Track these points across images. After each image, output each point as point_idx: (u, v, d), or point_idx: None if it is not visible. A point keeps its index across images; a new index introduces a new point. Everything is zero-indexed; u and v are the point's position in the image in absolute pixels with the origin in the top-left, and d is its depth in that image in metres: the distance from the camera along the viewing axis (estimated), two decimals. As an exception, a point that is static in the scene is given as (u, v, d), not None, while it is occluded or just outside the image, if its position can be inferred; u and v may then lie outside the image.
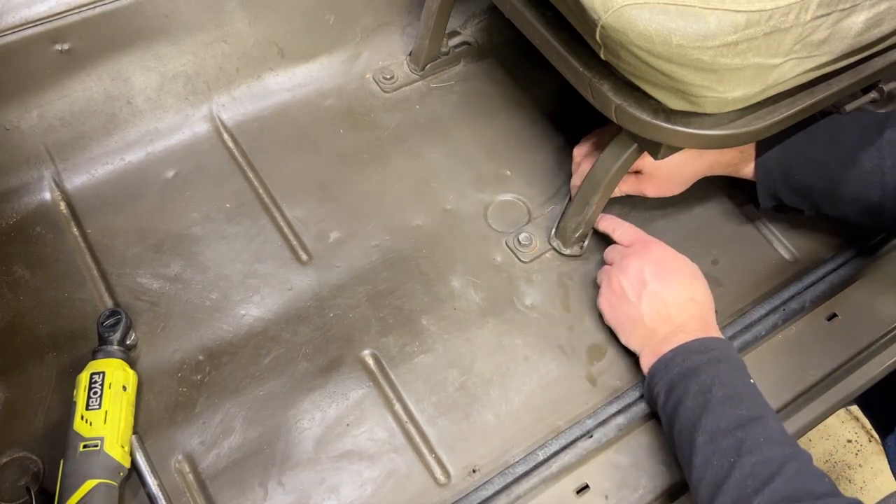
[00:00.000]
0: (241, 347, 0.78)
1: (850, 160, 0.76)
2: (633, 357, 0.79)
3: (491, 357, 0.79)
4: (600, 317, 0.81)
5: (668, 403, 0.68)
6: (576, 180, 0.88)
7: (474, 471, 0.72)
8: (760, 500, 0.57)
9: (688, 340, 0.70)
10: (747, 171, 0.83)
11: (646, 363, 0.73)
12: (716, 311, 0.78)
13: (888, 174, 0.75)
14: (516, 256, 0.86)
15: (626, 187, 0.86)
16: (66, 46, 0.84)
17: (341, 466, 0.72)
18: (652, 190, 0.85)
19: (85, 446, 0.66)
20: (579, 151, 0.89)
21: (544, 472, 0.70)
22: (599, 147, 0.86)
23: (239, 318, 0.80)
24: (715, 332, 0.72)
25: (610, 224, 0.84)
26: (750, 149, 0.81)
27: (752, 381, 0.67)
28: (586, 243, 0.86)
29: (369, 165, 0.93)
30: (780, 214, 0.90)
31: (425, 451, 0.73)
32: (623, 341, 0.78)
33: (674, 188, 0.85)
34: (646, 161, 0.81)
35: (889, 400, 1.03)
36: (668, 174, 0.83)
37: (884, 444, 1.01)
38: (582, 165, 0.88)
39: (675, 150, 0.71)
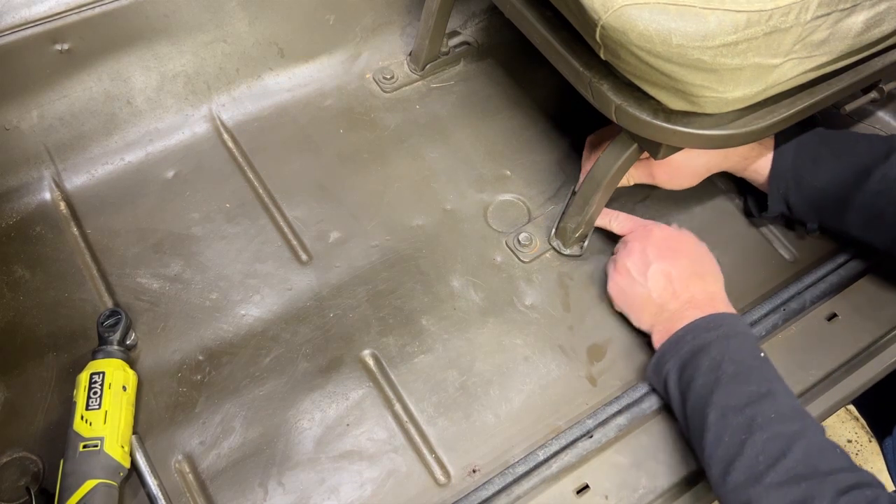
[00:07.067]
0: (241, 347, 0.78)
1: (859, 168, 0.76)
2: (633, 357, 0.79)
3: (491, 357, 0.79)
4: (601, 314, 0.81)
5: (680, 381, 0.69)
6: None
7: (474, 471, 0.72)
8: (772, 477, 0.58)
9: (697, 318, 0.71)
10: (761, 167, 0.82)
11: (657, 340, 0.75)
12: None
13: (894, 185, 0.74)
14: (516, 256, 0.86)
15: (636, 174, 0.85)
16: (66, 46, 0.84)
17: (341, 466, 0.72)
18: (663, 179, 0.85)
19: (85, 446, 0.66)
20: (588, 152, 0.88)
21: (544, 472, 0.70)
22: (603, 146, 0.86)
23: (239, 318, 0.80)
24: (725, 308, 0.73)
25: (605, 217, 0.84)
26: (766, 144, 0.81)
27: (762, 354, 0.68)
28: (586, 243, 0.86)
29: (369, 165, 0.93)
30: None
31: (425, 451, 0.73)
32: (635, 323, 0.79)
33: (685, 180, 0.85)
34: (657, 175, 0.81)
35: (886, 403, 1.03)
36: (679, 162, 0.83)
37: (881, 448, 1.01)
38: (586, 166, 0.87)
39: (674, 150, 0.71)
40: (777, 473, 0.58)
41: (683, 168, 0.84)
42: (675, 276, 0.75)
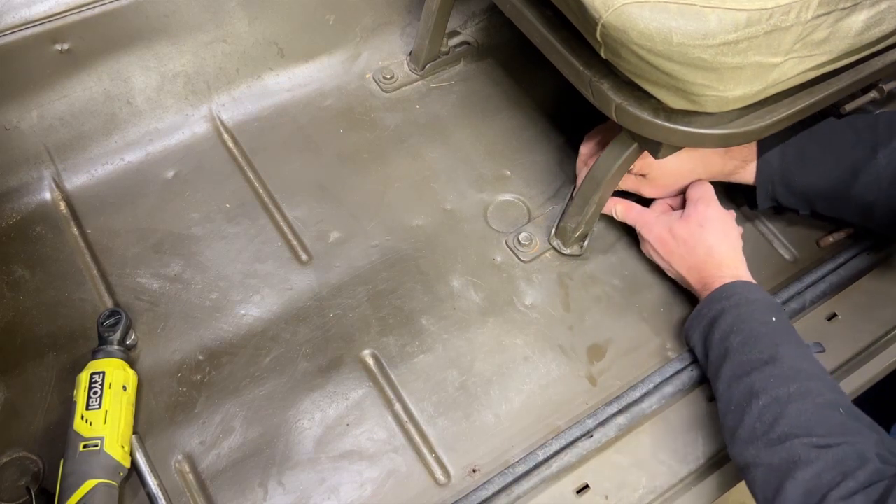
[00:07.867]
0: (241, 347, 0.78)
1: (847, 162, 0.78)
2: (633, 357, 0.79)
3: (491, 357, 0.79)
4: (601, 314, 0.81)
5: (703, 355, 0.72)
6: (581, 178, 0.87)
7: (474, 471, 0.72)
8: (765, 439, 0.61)
9: (716, 287, 0.74)
10: (746, 176, 0.83)
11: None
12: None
13: (883, 175, 0.76)
14: (516, 256, 0.86)
15: (625, 185, 0.86)
16: (66, 46, 0.84)
17: (341, 466, 0.72)
18: (650, 192, 0.86)
19: (85, 446, 0.66)
20: (586, 149, 0.88)
21: (544, 472, 0.70)
22: (603, 144, 0.86)
23: (239, 318, 0.80)
24: (745, 276, 0.76)
25: (609, 205, 0.85)
26: (751, 155, 0.82)
27: (774, 319, 0.70)
28: (586, 243, 0.86)
29: (369, 165, 0.93)
30: (779, 215, 0.90)
31: (425, 451, 0.73)
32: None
33: (670, 192, 0.86)
34: (652, 166, 0.81)
35: (889, 400, 1.03)
36: (670, 181, 0.84)
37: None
38: (589, 162, 0.87)
39: (675, 149, 0.71)
40: (771, 435, 0.61)
41: (671, 186, 0.84)
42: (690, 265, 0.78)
